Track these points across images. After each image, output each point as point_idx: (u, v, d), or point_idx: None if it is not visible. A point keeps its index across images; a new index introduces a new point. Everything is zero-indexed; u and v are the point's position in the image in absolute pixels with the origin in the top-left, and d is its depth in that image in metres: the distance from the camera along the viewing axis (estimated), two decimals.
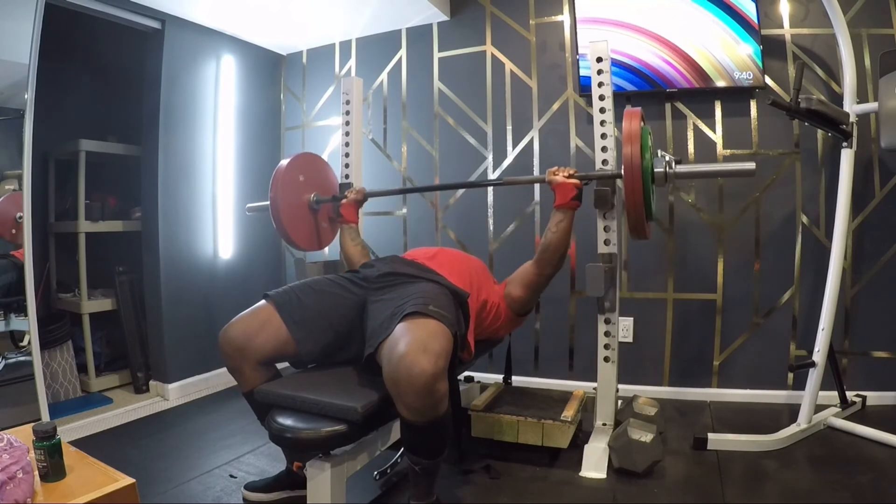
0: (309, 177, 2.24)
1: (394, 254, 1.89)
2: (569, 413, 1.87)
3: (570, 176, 1.79)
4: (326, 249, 2.85)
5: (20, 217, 1.98)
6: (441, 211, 2.84)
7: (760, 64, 2.27)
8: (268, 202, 2.12)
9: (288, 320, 1.51)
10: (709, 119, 2.43)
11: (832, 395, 2.15)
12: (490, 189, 2.73)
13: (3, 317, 2.10)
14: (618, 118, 2.21)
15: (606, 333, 1.91)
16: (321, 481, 1.32)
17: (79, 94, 2.85)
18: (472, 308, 1.65)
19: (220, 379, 2.76)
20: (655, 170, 1.72)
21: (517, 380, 2.39)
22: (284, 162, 2.16)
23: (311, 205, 2.23)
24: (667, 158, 1.73)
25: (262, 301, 1.56)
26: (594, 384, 1.95)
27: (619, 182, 1.84)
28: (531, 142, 2.67)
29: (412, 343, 1.24)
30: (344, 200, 2.17)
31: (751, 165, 1.67)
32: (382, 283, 1.61)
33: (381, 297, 1.55)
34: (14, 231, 2.06)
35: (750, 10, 2.26)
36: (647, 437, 1.74)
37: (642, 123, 1.76)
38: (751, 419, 2.18)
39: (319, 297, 1.58)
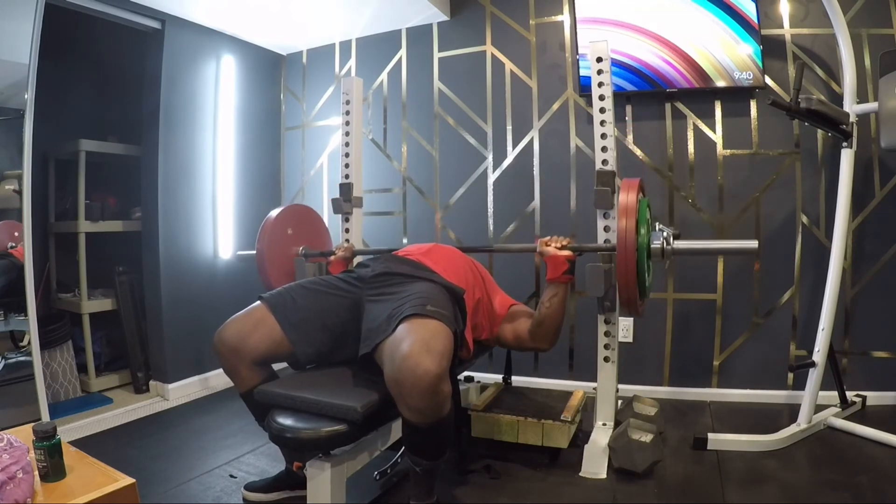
0: (298, 229, 2.25)
1: (389, 250, 1.88)
2: (569, 413, 1.87)
3: (563, 247, 1.73)
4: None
5: (11, 246, 1.99)
6: (441, 211, 2.84)
7: (760, 64, 2.27)
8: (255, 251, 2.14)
9: (282, 321, 1.51)
10: (709, 119, 2.43)
11: (832, 395, 2.15)
12: (490, 189, 2.73)
13: (3, 317, 2.10)
14: (618, 118, 2.21)
15: (606, 333, 1.91)
16: (321, 481, 1.32)
17: (79, 94, 2.85)
18: (469, 305, 1.65)
19: (219, 379, 2.75)
20: (652, 245, 1.66)
21: (517, 380, 2.39)
22: (274, 213, 2.19)
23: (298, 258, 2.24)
24: (665, 233, 1.67)
25: (257, 302, 1.56)
26: (594, 384, 1.95)
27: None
28: (531, 142, 2.67)
29: (415, 343, 1.24)
30: (332, 258, 2.12)
31: (753, 244, 1.61)
32: (378, 282, 1.60)
33: (376, 297, 1.54)
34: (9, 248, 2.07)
35: (750, 10, 2.26)
36: (647, 437, 1.74)
37: (641, 194, 1.70)
38: (751, 419, 2.18)
39: (314, 297, 1.58)
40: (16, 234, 1.97)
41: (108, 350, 2.81)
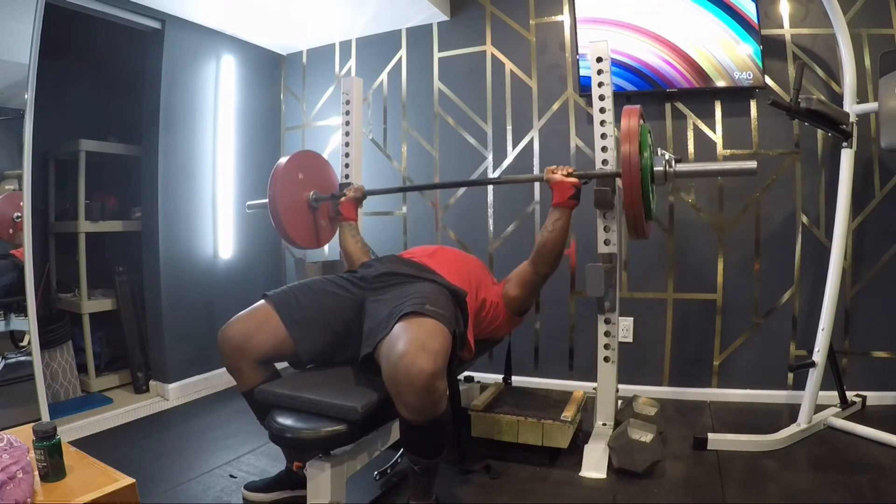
0: (308, 175, 2.24)
1: (392, 253, 1.89)
2: (569, 413, 1.87)
3: (568, 174, 1.78)
4: (326, 248, 2.86)
5: (17, 217, 1.98)
6: (441, 211, 2.84)
7: (760, 64, 2.27)
8: (267, 200, 2.12)
9: (286, 320, 1.51)
10: (709, 119, 2.43)
11: (832, 395, 2.15)
12: (490, 189, 2.73)
13: (3, 317, 2.10)
14: (618, 118, 2.20)
15: (606, 333, 1.91)
16: (321, 481, 1.32)
17: (79, 94, 2.85)
18: (471, 307, 1.65)
19: (220, 379, 2.76)
20: (655, 168, 1.71)
21: (517, 380, 2.39)
22: (283, 160, 2.16)
23: (310, 203, 2.23)
24: (667, 157, 1.72)
25: (261, 301, 1.56)
26: (594, 384, 1.96)
27: (618, 181, 1.83)
28: (531, 142, 2.67)
29: (411, 342, 1.25)
30: (343, 198, 2.17)
31: (752, 164, 1.66)
32: (380, 282, 1.61)
33: (379, 296, 1.55)
34: (12, 231, 2.06)
35: (750, 10, 2.26)
36: (647, 437, 1.74)
37: (641, 121, 1.75)
38: (751, 419, 2.18)
39: (318, 297, 1.59)
40: (20, 203, 1.95)
41: (108, 350, 2.81)
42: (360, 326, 1.52)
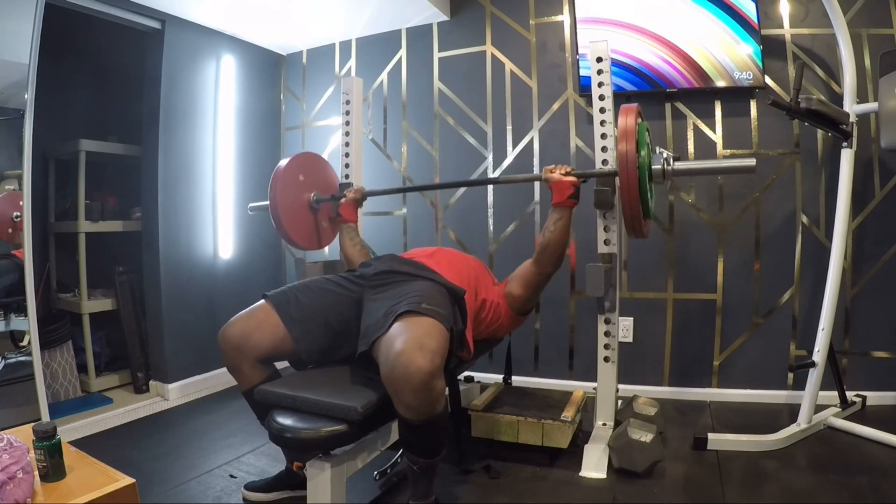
0: (309, 176, 2.24)
1: (392, 252, 1.89)
2: (569, 413, 1.87)
3: (567, 173, 1.78)
4: (326, 249, 2.86)
5: (17, 216, 1.98)
6: (441, 211, 2.84)
7: (760, 64, 2.27)
8: (268, 202, 2.13)
9: (286, 318, 1.52)
10: (709, 119, 2.43)
11: (832, 395, 2.15)
12: (490, 189, 2.73)
13: (3, 317, 2.10)
14: (618, 118, 2.19)
15: (606, 333, 1.91)
16: (321, 481, 1.32)
17: (79, 94, 2.85)
18: (471, 307, 1.65)
19: (220, 379, 2.76)
20: (653, 166, 1.71)
21: (517, 380, 2.39)
22: (284, 161, 2.16)
23: (310, 204, 2.23)
24: (664, 155, 1.72)
25: (261, 301, 1.57)
26: (594, 384, 1.96)
27: (618, 181, 1.83)
28: (531, 142, 2.67)
29: (408, 341, 1.25)
30: (343, 199, 2.17)
31: (751, 162, 1.66)
32: (379, 281, 1.61)
33: (377, 295, 1.55)
34: (11, 231, 2.06)
35: (750, 10, 2.26)
36: (647, 437, 1.74)
37: (639, 119, 1.74)
38: (751, 419, 2.18)
39: (317, 295, 1.59)
40: (20, 203, 1.95)
41: (108, 350, 2.81)
42: (359, 324, 1.52)
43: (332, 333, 1.56)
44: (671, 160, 1.72)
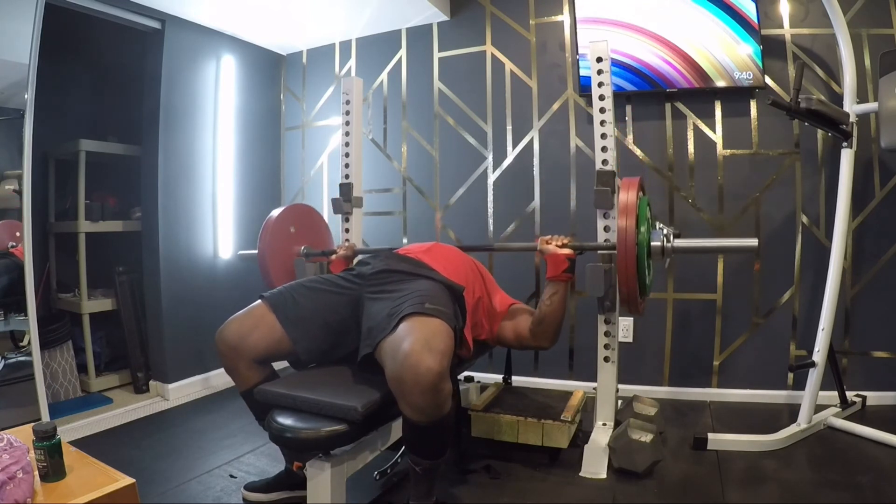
0: (301, 228, 2.25)
1: (389, 248, 1.88)
2: (569, 413, 1.87)
3: (563, 245, 1.74)
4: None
5: (12, 246, 1.99)
6: (441, 211, 2.84)
7: (760, 64, 2.27)
8: (256, 251, 2.13)
9: (283, 319, 1.52)
10: (709, 119, 2.42)
11: (832, 395, 2.15)
12: (490, 189, 2.73)
13: (3, 317, 2.10)
14: (618, 118, 2.20)
15: (606, 333, 1.91)
16: (321, 481, 1.32)
17: (79, 94, 2.85)
18: (468, 303, 1.65)
19: (219, 379, 2.76)
20: (652, 243, 1.66)
21: (517, 380, 2.39)
22: (276, 212, 2.18)
23: (300, 257, 2.23)
24: (665, 232, 1.68)
25: (257, 301, 1.57)
26: (594, 384, 1.95)
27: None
28: (531, 142, 2.67)
29: (416, 342, 1.25)
30: (333, 257, 2.11)
31: (753, 242, 1.62)
32: (377, 280, 1.60)
33: (377, 294, 1.55)
34: (10, 246, 2.07)
35: (750, 10, 2.26)
36: (647, 437, 1.74)
37: (641, 193, 1.71)
38: (751, 419, 2.18)
39: (314, 295, 1.59)
40: (17, 233, 1.97)
41: (108, 350, 2.81)
42: (357, 323, 1.52)
43: (330, 333, 1.55)
44: (671, 237, 1.68)
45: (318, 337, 1.54)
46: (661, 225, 1.72)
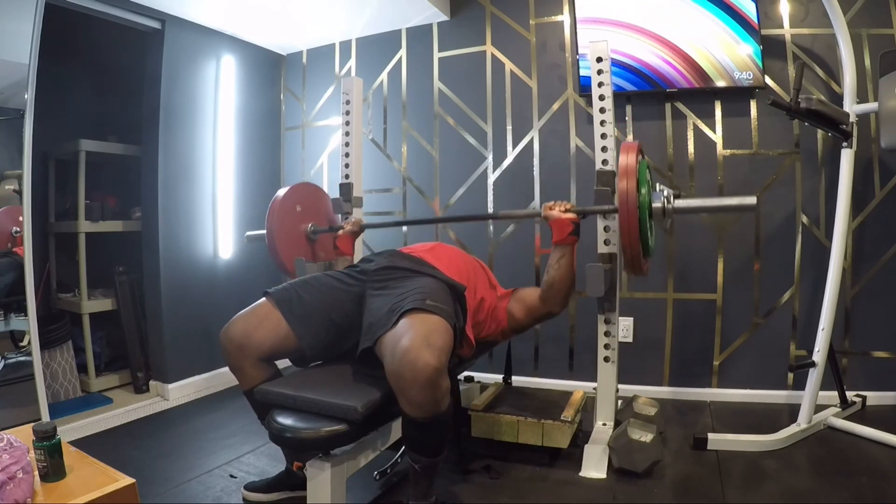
0: (306, 207, 2.25)
1: (392, 248, 1.89)
2: (569, 413, 1.87)
3: (566, 210, 1.75)
4: None
5: (16, 231, 1.98)
6: (441, 211, 2.84)
7: (760, 64, 2.27)
8: (264, 231, 2.13)
9: (288, 315, 1.52)
10: (709, 119, 2.42)
11: (832, 395, 2.15)
12: (490, 189, 2.73)
13: (3, 317, 2.10)
14: (618, 119, 2.20)
15: (606, 333, 1.91)
16: (321, 481, 1.32)
17: (79, 94, 2.84)
18: (470, 304, 1.66)
19: (220, 379, 2.76)
20: (653, 204, 1.68)
21: (517, 380, 2.39)
22: (282, 191, 2.17)
23: (308, 235, 2.24)
24: (665, 193, 1.69)
25: (262, 298, 1.57)
26: (594, 384, 1.96)
27: (618, 219, 1.81)
28: (531, 142, 2.67)
29: (415, 338, 1.25)
30: (340, 232, 2.13)
31: (752, 200, 1.63)
32: (380, 276, 1.61)
33: (378, 291, 1.55)
34: (10, 245, 2.07)
35: (750, 10, 2.26)
36: (647, 437, 1.74)
37: (640, 156, 1.72)
38: (751, 419, 2.18)
39: (318, 292, 1.59)
40: (20, 218, 1.96)
41: (108, 350, 2.81)
42: (361, 320, 1.52)
43: (334, 330, 1.56)
44: (672, 198, 1.69)
45: (323, 333, 1.55)
46: (662, 186, 1.74)
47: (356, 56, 3.06)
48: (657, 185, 1.76)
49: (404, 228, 2.92)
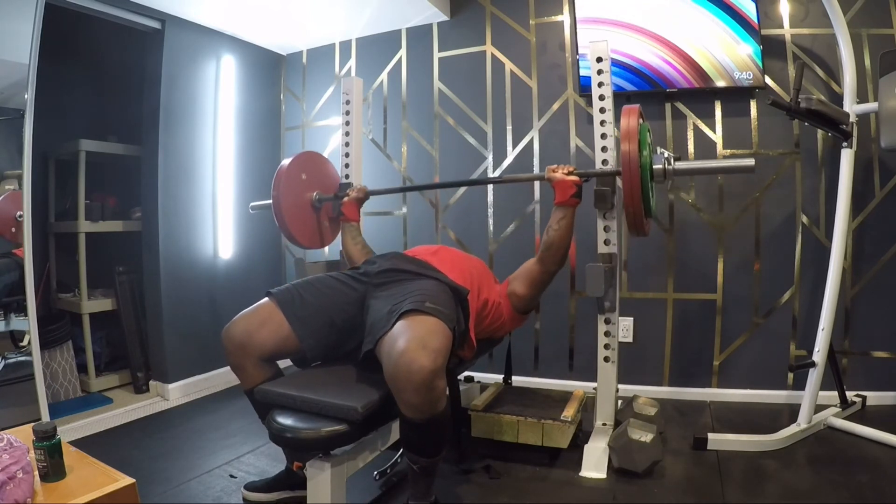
0: (311, 175, 2.25)
1: (395, 251, 1.89)
2: (569, 413, 1.87)
3: (569, 173, 1.80)
4: (326, 249, 2.86)
5: (20, 216, 1.98)
6: (441, 211, 2.84)
7: (760, 64, 2.27)
8: (270, 201, 2.13)
9: (290, 316, 1.52)
10: (709, 119, 2.42)
11: (832, 395, 2.15)
12: (490, 189, 2.73)
13: (3, 317, 2.10)
14: (618, 118, 2.19)
15: (606, 333, 1.91)
16: (321, 481, 1.32)
17: (79, 94, 2.85)
18: (473, 306, 1.66)
19: (220, 379, 2.76)
20: (654, 166, 1.73)
21: (517, 380, 2.39)
22: (287, 161, 2.17)
23: (313, 203, 2.24)
24: (666, 155, 1.74)
25: (265, 298, 1.57)
26: (594, 384, 1.95)
27: (619, 181, 1.83)
28: (531, 142, 2.67)
29: (411, 340, 1.25)
30: (345, 199, 2.18)
31: (750, 162, 1.67)
32: (383, 279, 1.62)
33: (380, 292, 1.56)
34: (14, 230, 2.06)
35: (750, 10, 2.26)
36: (647, 437, 1.74)
37: (641, 120, 1.76)
38: (751, 419, 2.18)
39: (321, 293, 1.59)
40: (22, 204, 1.96)
41: (108, 350, 2.81)
42: (363, 321, 1.52)
43: (336, 331, 1.56)
44: (672, 160, 1.74)
45: (325, 335, 1.55)
46: (662, 149, 1.79)
47: (356, 56, 3.06)
48: (657, 148, 1.79)
49: (405, 231, 2.92)
